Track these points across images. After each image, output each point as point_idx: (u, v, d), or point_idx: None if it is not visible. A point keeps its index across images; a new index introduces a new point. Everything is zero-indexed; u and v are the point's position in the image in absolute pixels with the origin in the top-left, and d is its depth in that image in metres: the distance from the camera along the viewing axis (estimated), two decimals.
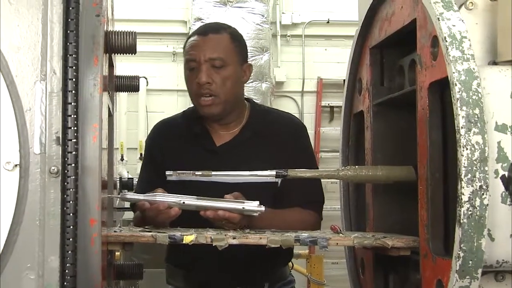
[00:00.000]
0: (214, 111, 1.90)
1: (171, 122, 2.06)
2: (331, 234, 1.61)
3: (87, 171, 1.13)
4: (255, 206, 1.54)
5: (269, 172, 1.59)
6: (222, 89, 1.89)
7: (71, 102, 1.10)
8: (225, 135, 1.97)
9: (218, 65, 1.88)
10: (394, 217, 1.77)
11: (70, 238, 1.10)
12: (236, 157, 1.92)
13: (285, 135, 1.97)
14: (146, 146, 2.07)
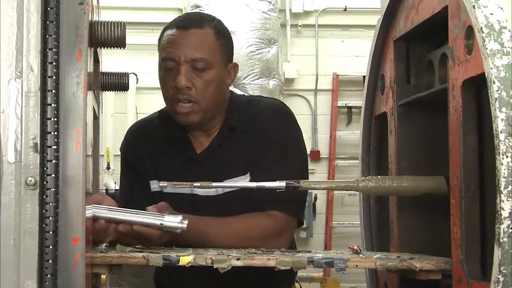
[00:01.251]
0: (192, 119, 1.89)
1: (147, 125, 2.06)
2: (349, 254, 1.61)
3: (69, 182, 1.13)
4: (176, 222, 1.56)
5: (278, 183, 1.60)
6: (203, 95, 1.87)
7: (51, 103, 1.10)
8: (206, 140, 1.98)
9: (200, 67, 1.86)
10: (423, 235, 1.77)
11: (50, 260, 1.10)
12: (217, 163, 1.93)
13: (257, 124, 1.94)
14: (121, 153, 2.08)
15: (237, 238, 1.77)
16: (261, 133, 1.92)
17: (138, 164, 1.99)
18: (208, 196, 1.92)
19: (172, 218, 1.55)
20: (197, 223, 1.74)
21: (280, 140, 1.92)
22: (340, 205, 6.93)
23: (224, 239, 1.76)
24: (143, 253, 1.50)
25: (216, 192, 1.92)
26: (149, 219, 1.56)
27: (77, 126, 1.13)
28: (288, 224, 1.89)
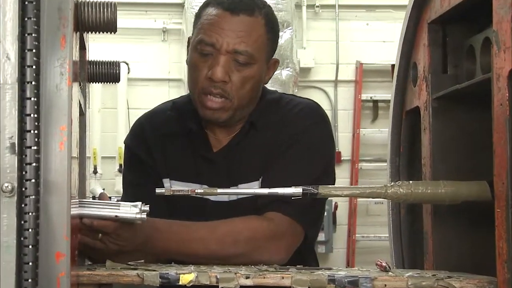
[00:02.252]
0: (220, 116, 1.91)
1: (158, 116, 2.08)
2: (376, 272, 1.60)
3: (52, 189, 1.13)
4: (132, 213, 1.56)
5: (293, 189, 1.59)
6: (238, 92, 1.89)
7: (31, 97, 1.10)
8: (225, 138, 2.00)
9: (242, 61, 1.87)
10: (462, 250, 1.77)
11: (29, 279, 1.10)
12: (232, 165, 1.95)
13: (280, 121, 1.96)
14: (126, 149, 2.09)
15: (222, 242, 1.77)
16: (282, 131, 1.94)
17: (148, 159, 2.00)
18: (219, 202, 1.94)
19: (128, 208, 1.56)
20: (174, 227, 1.76)
21: (302, 139, 1.93)
22: (364, 215, 6.94)
23: (206, 245, 1.76)
24: (138, 270, 1.50)
25: (229, 198, 1.94)
26: (102, 211, 1.57)
27: (60, 123, 1.14)
28: (288, 229, 1.86)
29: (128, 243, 1.65)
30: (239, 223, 1.83)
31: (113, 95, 6.55)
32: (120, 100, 6.56)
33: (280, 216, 1.85)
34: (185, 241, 1.75)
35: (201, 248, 1.76)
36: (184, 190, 1.58)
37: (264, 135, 1.96)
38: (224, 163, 1.96)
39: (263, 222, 1.84)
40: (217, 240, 1.78)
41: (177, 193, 1.59)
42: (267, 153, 1.93)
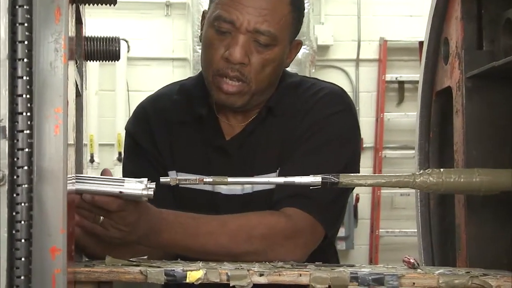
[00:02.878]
0: (236, 102, 1.91)
1: (163, 100, 2.08)
2: (404, 269, 1.60)
3: (47, 177, 1.12)
4: (138, 189, 1.55)
5: (312, 178, 1.59)
6: (257, 76, 1.89)
7: (22, 76, 1.09)
8: (239, 124, 2.01)
9: (264, 42, 1.87)
10: (499, 245, 1.77)
11: (22, 276, 1.10)
12: (247, 154, 1.96)
13: (300, 106, 1.97)
14: (128, 136, 2.09)
15: (234, 237, 1.77)
16: (303, 119, 1.95)
17: (152, 149, 2.00)
18: (231, 195, 1.95)
19: (133, 184, 1.55)
20: (181, 218, 1.75)
21: (325, 128, 1.94)
22: (389, 207, 6.94)
23: (217, 239, 1.76)
24: (141, 267, 1.50)
25: (243, 190, 1.94)
26: (105, 186, 1.55)
27: (55, 105, 1.13)
28: (307, 227, 1.87)
29: (132, 229, 1.63)
30: (254, 217, 1.83)
31: (111, 76, 6.55)
32: (119, 81, 6.56)
33: (299, 213, 1.85)
34: (193, 234, 1.75)
35: (211, 242, 1.75)
36: (191, 179, 1.57)
37: (283, 122, 1.96)
38: (237, 153, 1.97)
39: (280, 218, 1.84)
40: (228, 234, 1.77)
41: (183, 183, 1.58)
42: (285, 142, 1.94)
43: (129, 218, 1.62)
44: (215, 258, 1.70)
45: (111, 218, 1.61)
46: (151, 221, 1.68)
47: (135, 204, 1.61)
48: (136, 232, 1.65)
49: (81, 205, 1.57)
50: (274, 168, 1.92)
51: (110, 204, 1.57)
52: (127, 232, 1.63)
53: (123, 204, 1.58)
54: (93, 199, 1.55)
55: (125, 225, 1.62)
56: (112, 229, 1.63)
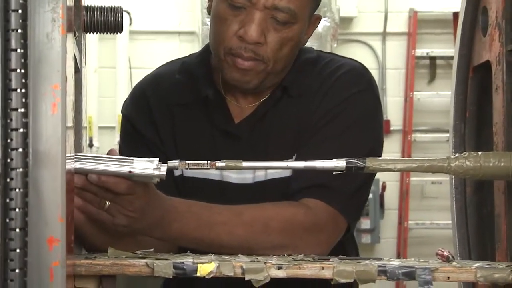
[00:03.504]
0: (250, 81, 1.91)
1: (163, 80, 2.08)
2: (437, 263, 1.60)
3: (43, 160, 1.13)
4: (150, 169, 1.54)
5: (335, 162, 1.58)
6: (274, 56, 1.89)
7: (16, 49, 1.09)
8: (249, 106, 2.03)
9: (282, 20, 1.88)
10: None
11: (16, 269, 1.10)
12: (260, 139, 1.97)
13: (318, 86, 1.98)
14: (125, 120, 2.10)
15: (251, 228, 1.77)
16: (322, 100, 1.95)
17: (152, 135, 2.01)
18: (243, 185, 1.96)
19: (143, 163, 1.55)
20: (194, 207, 1.75)
21: (346, 110, 1.95)
22: (419, 197, 6.93)
23: (231, 229, 1.77)
24: (147, 259, 1.50)
25: (254, 179, 1.96)
26: (113, 166, 1.54)
27: (52, 81, 1.13)
28: (329, 220, 1.88)
29: (140, 216, 1.62)
30: (270, 208, 1.84)
31: (112, 52, 6.56)
32: (121, 57, 6.57)
33: (319, 204, 1.86)
34: (206, 224, 1.75)
35: (225, 233, 1.76)
36: (201, 163, 1.57)
37: (299, 103, 1.97)
38: (248, 137, 1.98)
39: (299, 209, 1.85)
40: (244, 225, 1.78)
41: (193, 167, 1.57)
42: (302, 125, 1.95)
43: (138, 202, 1.61)
44: (229, 251, 1.70)
45: (119, 202, 1.59)
46: (161, 208, 1.68)
47: (145, 187, 1.60)
48: (145, 219, 1.64)
49: (86, 187, 1.55)
50: (289, 155, 1.93)
51: (119, 185, 1.55)
52: (134, 219, 1.62)
53: (132, 186, 1.57)
54: (99, 179, 1.53)
55: (133, 211, 1.61)
56: (119, 215, 1.61)
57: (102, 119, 6.57)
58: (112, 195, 1.58)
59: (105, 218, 1.61)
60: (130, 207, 1.60)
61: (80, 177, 1.53)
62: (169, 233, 1.72)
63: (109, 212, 1.61)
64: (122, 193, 1.57)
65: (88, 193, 1.57)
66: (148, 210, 1.64)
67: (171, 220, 1.70)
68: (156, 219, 1.67)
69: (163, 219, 1.68)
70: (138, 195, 1.59)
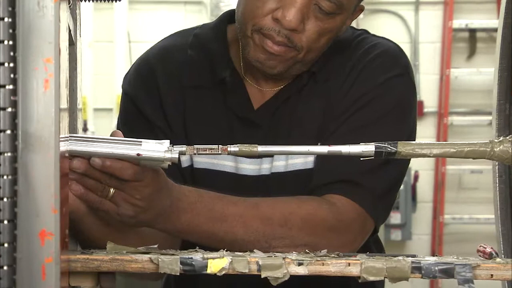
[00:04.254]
0: (275, 67, 1.92)
1: (174, 56, 2.08)
2: (479, 259, 1.60)
3: (34, 144, 1.12)
4: (160, 151, 1.52)
5: (363, 147, 1.57)
6: (309, 45, 1.89)
7: (4, 18, 1.08)
8: (269, 90, 2.03)
9: (326, 10, 1.88)
10: None
11: (4, 266, 1.09)
12: (282, 127, 1.98)
13: (349, 69, 2.00)
14: (125, 98, 2.08)
15: (268, 221, 1.79)
16: (351, 83, 1.96)
17: (158, 117, 2.00)
18: (259, 177, 1.97)
19: (153, 145, 1.53)
20: (205, 197, 1.75)
21: (380, 96, 1.96)
22: (456, 188, 6.93)
23: (247, 222, 1.78)
24: (151, 254, 1.50)
25: (271, 170, 1.96)
26: (118, 148, 1.53)
27: (44, 55, 1.12)
28: (355, 220, 1.89)
29: (148, 205, 1.61)
30: (291, 201, 1.84)
31: (109, 24, 6.56)
32: (118, 30, 6.57)
33: (346, 202, 1.87)
34: (220, 216, 1.75)
35: (240, 225, 1.76)
36: (212, 148, 1.56)
37: (326, 88, 1.98)
38: (268, 124, 1.98)
39: (322, 204, 1.85)
40: (261, 218, 1.78)
41: (203, 153, 1.57)
42: (329, 112, 1.95)
43: (146, 190, 1.59)
44: (243, 247, 1.70)
45: (125, 189, 1.58)
46: (170, 197, 1.67)
47: (153, 173, 1.59)
48: (153, 209, 1.63)
49: (88, 172, 1.54)
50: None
51: (125, 170, 1.53)
52: (142, 208, 1.61)
53: (141, 172, 1.56)
54: (103, 164, 1.52)
55: (141, 199, 1.60)
56: (124, 204, 1.59)
57: (98, 100, 6.58)
58: (118, 182, 1.56)
59: (109, 207, 1.59)
60: (137, 195, 1.59)
61: (82, 161, 1.52)
62: (178, 225, 1.71)
63: (114, 201, 1.59)
64: (129, 179, 1.55)
65: (90, 179, 1.56)
66: (157, 199, 1.63)
67: (180, 210, 1.69)
68: (165, 209, 1.66)
69: (172, 209, 1.68)
70: (147, 182, 1.58)
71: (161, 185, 1.63)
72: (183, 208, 1.70)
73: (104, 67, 6.56)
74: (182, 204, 1.70)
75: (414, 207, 6.81)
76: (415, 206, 6.82)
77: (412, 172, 6.73)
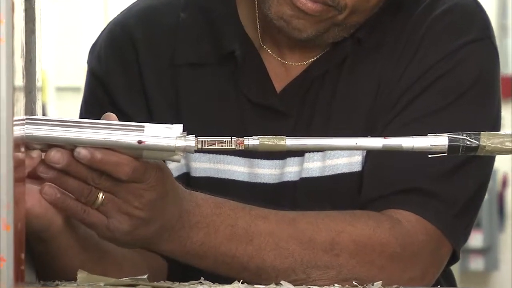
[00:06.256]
0: (302, 31, 1.90)
1: (161, 19, 2.07)
2: None
3: None
4: (170, 137, 1.51)
5: (431, 139, 1.57)
6: (356, 5, 1.89)
7: None
8: (296, 64, 2.02)
9: None
10: None
11: None
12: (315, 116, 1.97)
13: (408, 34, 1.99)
14: (91, 78, 2.07)
15: (309, 244, 1.77)
16: (413, 51, 1.96)
17: (137, 109, 1.99)
18: (282, 185, 1.96)
19: (160, 130, 1.52)
20: (225, 208, 1.73)
21: (451, 68, 1.95)
22: None
23: (280, 243, 1.76)
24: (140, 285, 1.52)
25: (300, 174, 1.95)
26: (113, 134, 1.51)
27: None
28: (427, 243, 1.87)
29: (150, 216, 1.59)
30: (340, 218, 1.82)
31: None
32: None
33: (413, 219, 1.86)
34: (244, 234, 1.74)
35: (271, 247, 1.75)
36: (221, 142, 1.55)
37: (377, 60, 1.98)
38: (297, 113, 1.98)
39: (382, 223, 1.84)
40: (300, 238, 1.77)
41: (209, 148, 1.55)
42: (383, 94, 1.96)
43: (148, 195, 1.57)
44: (272, 276, 1.71)
45: (119, 193, 1.56)
46: (180, 206, 1.66)
47: (159, 172, 1.57)
48: (156, 222, 1.61)
49: (70, 168, 1.52)
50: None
51: (121, 166, 1.51)
52: (141, 221, 1.58)
53: (141, 169, 1.54)
54: (92, 156, 1.50)
55: (141, 208, 1.57)
56: (117, 215, 1.56)
57: (62, 75, 6.60)
58: (110, 183, 1.54)
59: (96, 219, 1.57)
60: (136, 202, 1.56)
61: (62, 152, 1.50)
62: (188, 246, 1.69)
63: (103, 210, 1.56)
64: (126, 179, 1.54)
65: (71, 179, 1.54)
66: (162, 209, 1.61)
67: (192, 225, 1.68)
68: (171, 223, 1.65)
69: (181, 223, 1.66)
70: (150, 184, 1.56)
71: (168, 189, 1.61)
72: (196, 222, 1.69)
73: (69, 36, 6.58)
74: (195, 217, 1.69)
75: (501, 224, 6.83)
76: (503, 223, 6.84)
77: (499, 176, 6.74)
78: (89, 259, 1.65)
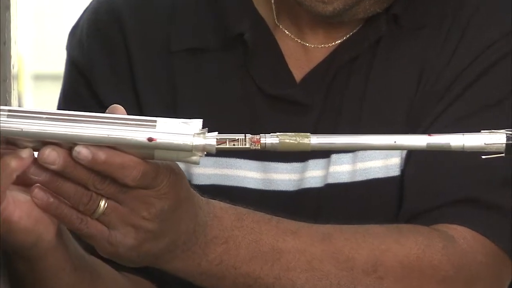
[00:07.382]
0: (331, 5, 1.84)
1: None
2: None
3: None
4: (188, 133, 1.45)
5: (485, 136, 1.48)
6: None
7: None
8: (319, 48, 1.97)
9: None
10: None
11: None
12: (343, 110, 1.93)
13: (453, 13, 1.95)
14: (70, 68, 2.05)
15: (346, 264, 1.74)
16: (459, 34, 1.92)
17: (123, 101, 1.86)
18: (303, 192, 1.89)
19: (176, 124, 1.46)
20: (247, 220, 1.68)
21: (505, 54, 1.90)
22: None
23: (312, 263, 1.72)
24: None
25: (325, 180, 1.88)
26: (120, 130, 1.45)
27: None
28: (486, 263, 1.83)
29: (161, 228, 1.53)
30: (383, 234, 1.78)
31: None
32: None
33: (469, 236, 1.82)
34: (270, 251, 1.68)
35: (302, 266, 1.69)
36: (236, 140, 1.47)
37: (419, 40, 1.94)
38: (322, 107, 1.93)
39: (433, 241, 1.78)
40: (336, 257, 1.72)
41: (219, 146, 1.47)
42: (427, 82, 1.90)
43: (160, 204, 1.51)
44: None
45: (124, 201, 1.50)
46: (195, 218, 1.60)
47: (173, 177, 1.50)
48: (167, 235, 1.56)
49: (67, 170, 1.46)
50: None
51: (128, 169, 1.46)
52: (150, 234, 1.53)
53: (152, 173, 1.48)
54: (95, 157, 1.44)
55: (150, 219, 1.51)
56: (122, 226, 1.52)
57: (40, 62, 6.58)
58: (115, 189, 1.49)
59: (96, 230, 1.52)
60: (144, 211, 1.52)
61: (59, 151, 1.44)
62: (203, 265, 1.65)
63: (105, 220, 1.52)
64: (134, 185, 1.48)
65: (67, 183, 1.48)
66: (175, 220, 1.56)
67: (209, 240, 1.63)
68: (185, 238, 1.60)
69: (196, 238, 1.61)
70: (162, 191, 1.50)
71: (182, 198, 1.55)
72: (213, 237, 1.64)
73: (49, 13, 6.56)
74: (212, 230, 1.64)
75: None
76: None
77: None
78: (79, 283, 1.61)
